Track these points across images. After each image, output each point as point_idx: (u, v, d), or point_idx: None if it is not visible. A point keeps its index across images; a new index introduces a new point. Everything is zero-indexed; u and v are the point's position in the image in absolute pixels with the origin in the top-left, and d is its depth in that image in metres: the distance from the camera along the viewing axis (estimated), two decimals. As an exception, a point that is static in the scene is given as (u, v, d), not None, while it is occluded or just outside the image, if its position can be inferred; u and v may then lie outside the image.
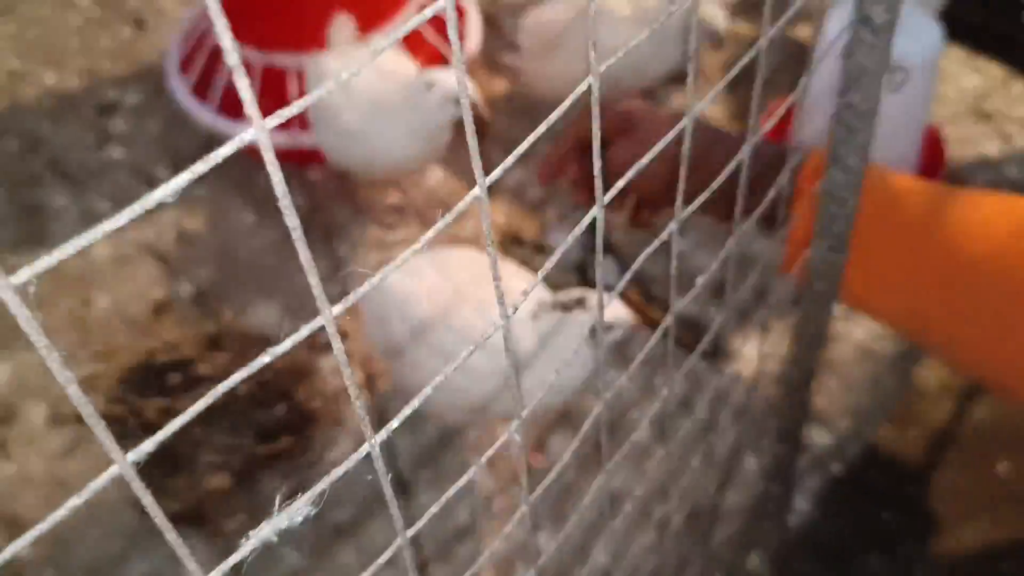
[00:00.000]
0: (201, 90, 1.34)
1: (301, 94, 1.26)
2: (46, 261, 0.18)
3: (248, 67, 1.29)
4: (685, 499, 1.00)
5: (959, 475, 1.66)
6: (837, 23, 1.11)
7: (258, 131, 0.20)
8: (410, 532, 0.35)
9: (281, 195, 0.22)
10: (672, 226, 0.46)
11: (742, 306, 1.20)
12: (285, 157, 1.34)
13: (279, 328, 1.20)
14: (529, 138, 0.31)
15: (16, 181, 1.36)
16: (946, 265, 0.68)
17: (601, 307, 0.40)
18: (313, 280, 0.24)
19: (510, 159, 0.31)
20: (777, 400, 0.88)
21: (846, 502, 1.64)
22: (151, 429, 0.82)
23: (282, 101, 1.27)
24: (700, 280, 0.53)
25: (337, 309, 0.26)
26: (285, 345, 0.25)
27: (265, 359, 0.25)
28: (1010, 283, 0.65)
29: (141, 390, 0.96)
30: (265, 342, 0.92)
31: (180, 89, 1.34)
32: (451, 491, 0.35)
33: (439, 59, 1.39)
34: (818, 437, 1.09)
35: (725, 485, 0.88)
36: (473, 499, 1.04)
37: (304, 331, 0.25)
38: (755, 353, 1.14)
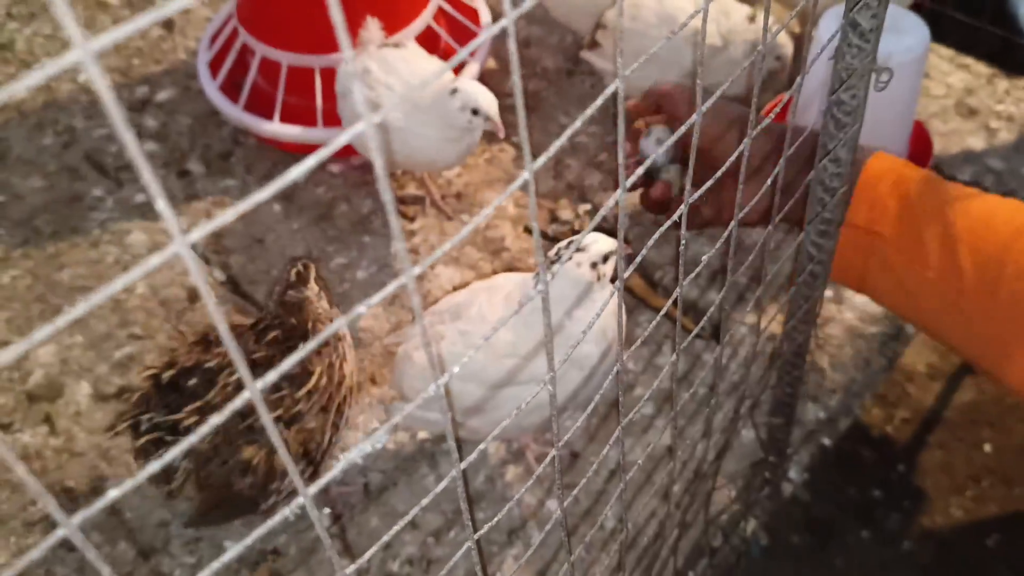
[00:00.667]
0: (229, 88, 1.41)
1: (326, 92, 1.34)
2: (216, 222, 0.26)
3: (273, 66, 1.37)
4: (686, 467, 1.08)
5: (945, 453, 1.74)
6: (827, 27, 1.19)
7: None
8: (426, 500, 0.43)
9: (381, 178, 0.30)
10: (682, 209, 0.54)
11: (740, 289, 1.28)
12: (306, 150, 1.42)
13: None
14: (566, 133, 0.39)
15: (55, 173, 1.43)
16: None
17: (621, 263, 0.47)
18: (399, 246, 0.31)
19: (553, 147, 0.38)
20: (772, 376, 0.96)
21: (837, 479, 1.72)
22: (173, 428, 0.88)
23: (308, 98, 1.34)
24: (705, 258, 0.61)
25: (417, 269, 0.34)
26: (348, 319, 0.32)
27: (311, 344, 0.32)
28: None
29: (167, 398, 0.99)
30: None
31: (210, 87, 1.41)
32: (470, 457, 0.43)
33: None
34: (811, 412, 1.17)
35: (723, 455, 0.96)
36: (488, 467, 1.12)
37: (383, 293, 0.33)
38: (753, 332, 1.22)
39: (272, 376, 0.31)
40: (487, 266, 1.31)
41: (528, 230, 1.37)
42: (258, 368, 0.93)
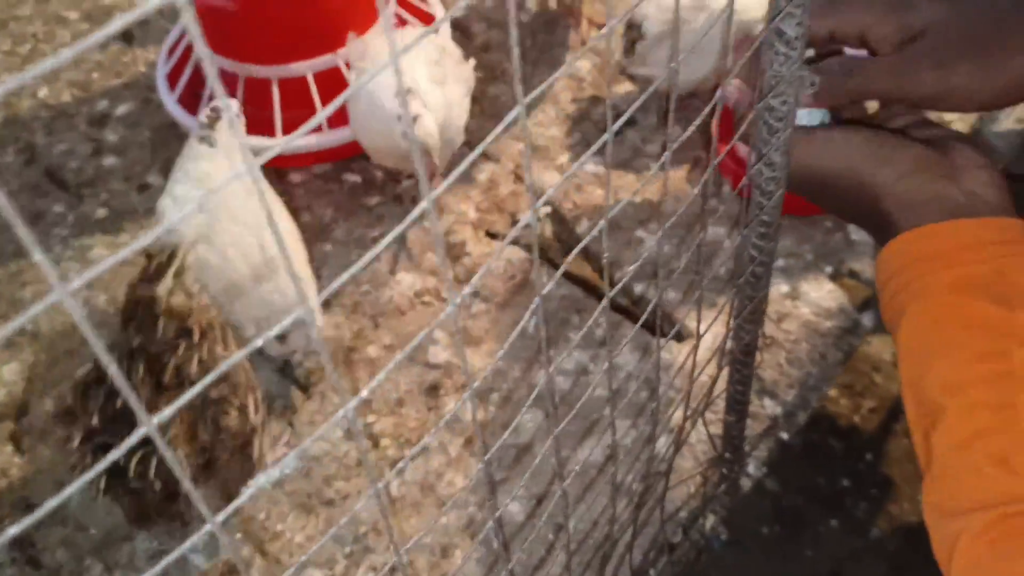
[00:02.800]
0: (188, 99, 1.42)
1: (284, 102, 1.34)
2: (99, 268, 0.27)
3: (231, 77, 1.37)
4: (635, 466, 1.10)
5: (912, 442, 1.77)
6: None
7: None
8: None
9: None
10: (604, 220, 0.55)
11: (695, 288, 1.30)
12: (270, 162, 1.43)
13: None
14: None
15: (16, 190, 1.44)
16: None
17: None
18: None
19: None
20: (725, 372, 0.97)
21: (805, 470, 1.74)
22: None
23: (267, 108, 1.35)
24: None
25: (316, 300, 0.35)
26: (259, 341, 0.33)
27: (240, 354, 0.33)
28: None
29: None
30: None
31: (169, 99, 1.42)
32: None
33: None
34: (769, 408, 1.19)
35: (679, 451, 0.97)
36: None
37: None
38: (707, 330, 1.24)
39: (168, 411, 0.33)
40: (448, 272, 1.33)
41: (491, 234, 1.38)
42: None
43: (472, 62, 1.30)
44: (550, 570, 1.04)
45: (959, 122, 1.47)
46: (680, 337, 1.28)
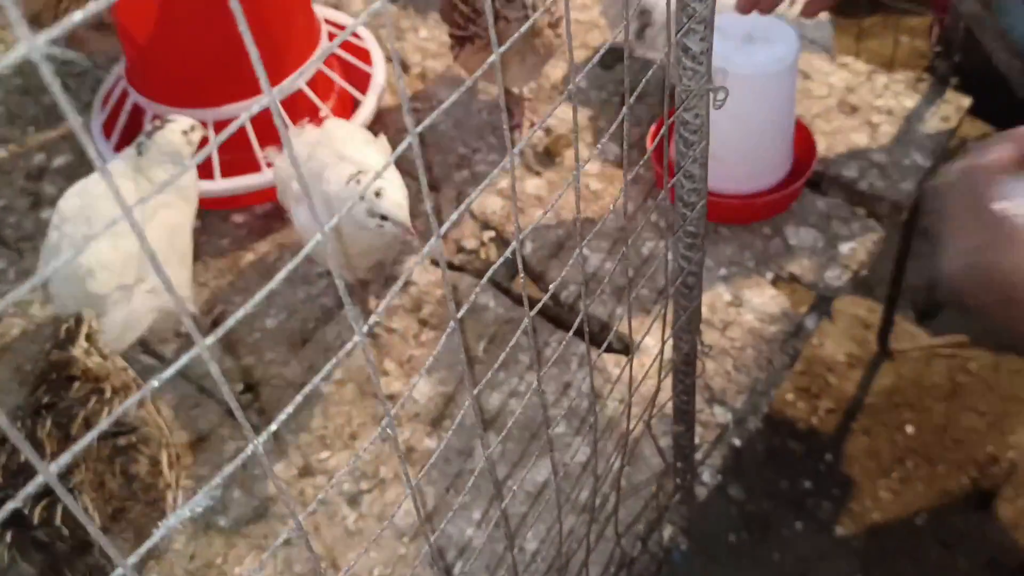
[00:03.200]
0: (124, 147, 1.41)
1: (221, 144, 1.35)
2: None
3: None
4: (590, 477, 1.11)
5: (870, 439, 1.80)
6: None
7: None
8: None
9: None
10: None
11: (643, 303, 1.31)
12: (207, 204, 1.43)
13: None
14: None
15: (-46, 249, 1.42)
16: None
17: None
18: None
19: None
20: (662, 385, 0.98)
21: (768, 474, 1.76)
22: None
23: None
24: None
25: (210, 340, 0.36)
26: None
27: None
28: None
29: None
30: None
31: (105, 149, 1.42)
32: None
33: (350, 102, 1.48)
34: (719, 416, 1.20)
35: (626, 463, 0.98)
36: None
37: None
38: (654, 343, 1.25)
39: (65, 458, 0.33)
40: (395, 300, 1.33)
41: (435, 262, 1.39)
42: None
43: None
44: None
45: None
46: (627, 350, 1.29)
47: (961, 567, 1.63)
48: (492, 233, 1.42)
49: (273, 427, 0.44)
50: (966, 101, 1.52)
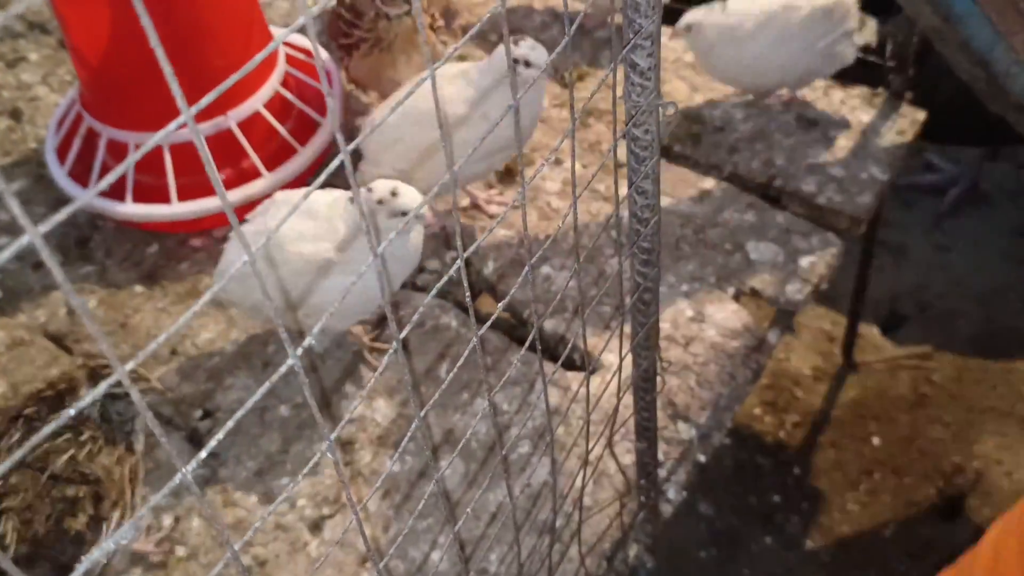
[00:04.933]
0: (79, 172, 1.39)
1: (177, 168, 1.33)
2: None
3: (120, 147, 1.36)
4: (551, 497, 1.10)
5: (837, 452, 1.81)
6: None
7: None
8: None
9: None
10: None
11: (605, 319, 1.31)
12: (166, 227, 1.41)
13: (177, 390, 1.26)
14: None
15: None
16: None
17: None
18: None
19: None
20: (631, 401, 0.98)
21: (736, 490, 1.76)
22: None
23: (160, 175, 1.33)
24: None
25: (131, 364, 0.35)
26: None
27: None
28: None
29: None
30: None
31: (59, 173, 1.40)
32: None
33: (310, 124, 1.46)
34: (683, 432, 1.20)
35: (588, 481, 0.97)
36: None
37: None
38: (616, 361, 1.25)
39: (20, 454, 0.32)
40: (356, 325, 1.32)
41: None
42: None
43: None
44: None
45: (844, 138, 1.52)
46: (594, 370, 1.28)
47: (929, 578, 1.63)
48: (454, 253, 1.42)
49: (203, 454, 0.43)
50: (921, 115, 1.53)
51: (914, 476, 1.76)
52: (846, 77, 1.56)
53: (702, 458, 1.21)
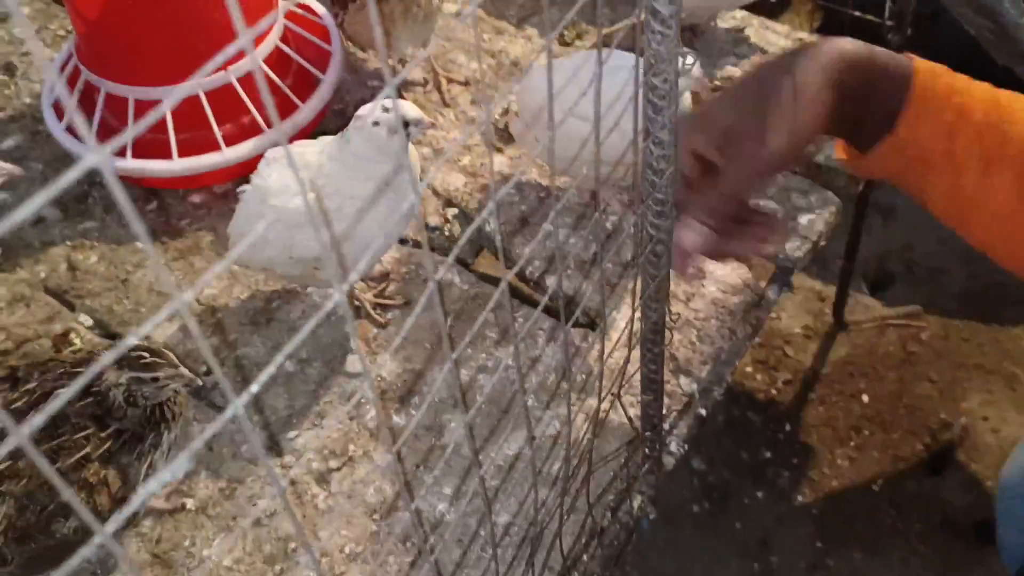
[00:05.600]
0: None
1: (177, 124, 1.32)
2: None
3: (120, 102, 1.35)
4: (560, 449, 1.12)
5: (827, 408, 1.84)
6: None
7: (100, 156, 0.29)
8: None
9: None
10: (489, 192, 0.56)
11: (610, 276, 1.32)
12: (166, 183, 1.40)
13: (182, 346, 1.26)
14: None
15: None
16: None
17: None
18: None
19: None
20: (638, 354, 0.99)
21: (728, 445, 1.79)
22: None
23: (161, 131, 1.33)
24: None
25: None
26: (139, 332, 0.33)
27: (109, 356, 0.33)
28: None
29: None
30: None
31: (57, 129, 1.38)
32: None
33: (311, 80, 1.45)
34: (684, 385, 1.22)
35: (597, 433, 0.99)
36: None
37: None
38: (622, 318, 1.26)
39: (40, 419, 0.32)
40: (357, 279, 1.32)
41: (401, 241, 1.38)
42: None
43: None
44: (480, 564, 1.04)
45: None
46: (593, 325, 1.30)
47: (915, 529, 1.67)
48: (455, 210, 1.42)
49: (255, 388, 0.44)
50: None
51: (902, 432, 1.79)
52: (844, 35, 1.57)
53: (703, 412, 1.24)
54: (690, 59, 0.78)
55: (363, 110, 1.08)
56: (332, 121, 1.48)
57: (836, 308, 1.93)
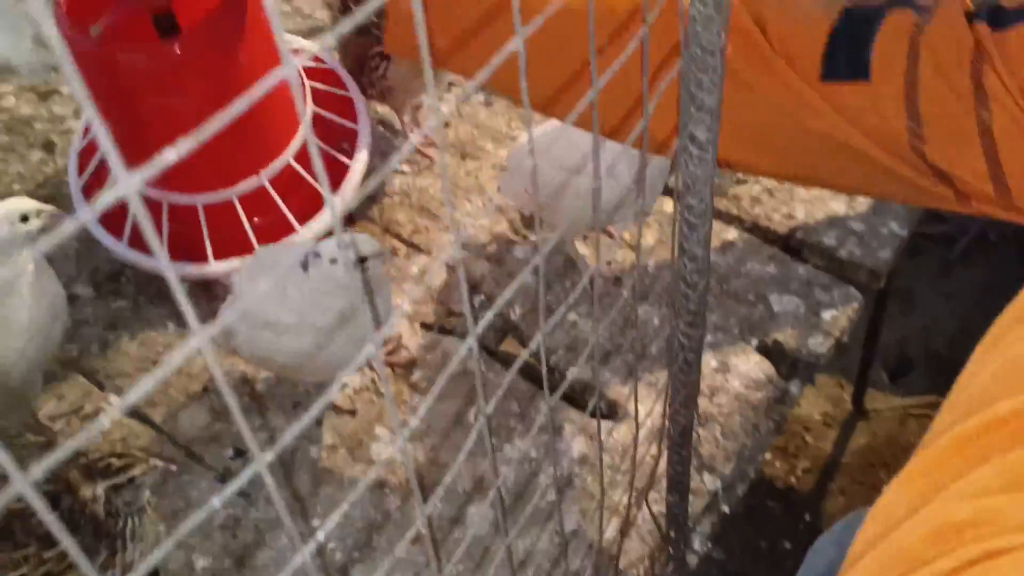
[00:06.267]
0: (107, 218, 1.39)
1: (211, 227, 1.33)
2: None
3: (154, 205, 1.36)
4: (588, 552, 1.11)
5: (847, 499, 1.82)
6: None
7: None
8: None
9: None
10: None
11: (631, 367, 1.33)
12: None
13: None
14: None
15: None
16: None
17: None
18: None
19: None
20: (664, 453, 1.00)
21: (748, 534, 1.77)
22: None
23: (195, 231, 1.34)
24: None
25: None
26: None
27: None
28: None
29: None
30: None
31: (91, 220, 1.40)
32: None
33: (340, 168, 1.46)
34: (708, 483, 1.22)
35: (625, 534, 0.99)
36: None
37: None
38: (644, 411, 1.27)
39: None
40: (384, 367, 1.34)
41: (426, 326, 1.40)
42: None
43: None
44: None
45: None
46: (613, 416, 1.30)
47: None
48: (482, 297, 1.44)
49: (320, 536, 0.45)
50: (938, 172, 1.57)
51: (923, 524, 1.77)
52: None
53: (726, 509, 1.23)
54: (717, 179, 0.79)
55: (321, 247, 1.08)
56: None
57: (856, 396, 1.92)
